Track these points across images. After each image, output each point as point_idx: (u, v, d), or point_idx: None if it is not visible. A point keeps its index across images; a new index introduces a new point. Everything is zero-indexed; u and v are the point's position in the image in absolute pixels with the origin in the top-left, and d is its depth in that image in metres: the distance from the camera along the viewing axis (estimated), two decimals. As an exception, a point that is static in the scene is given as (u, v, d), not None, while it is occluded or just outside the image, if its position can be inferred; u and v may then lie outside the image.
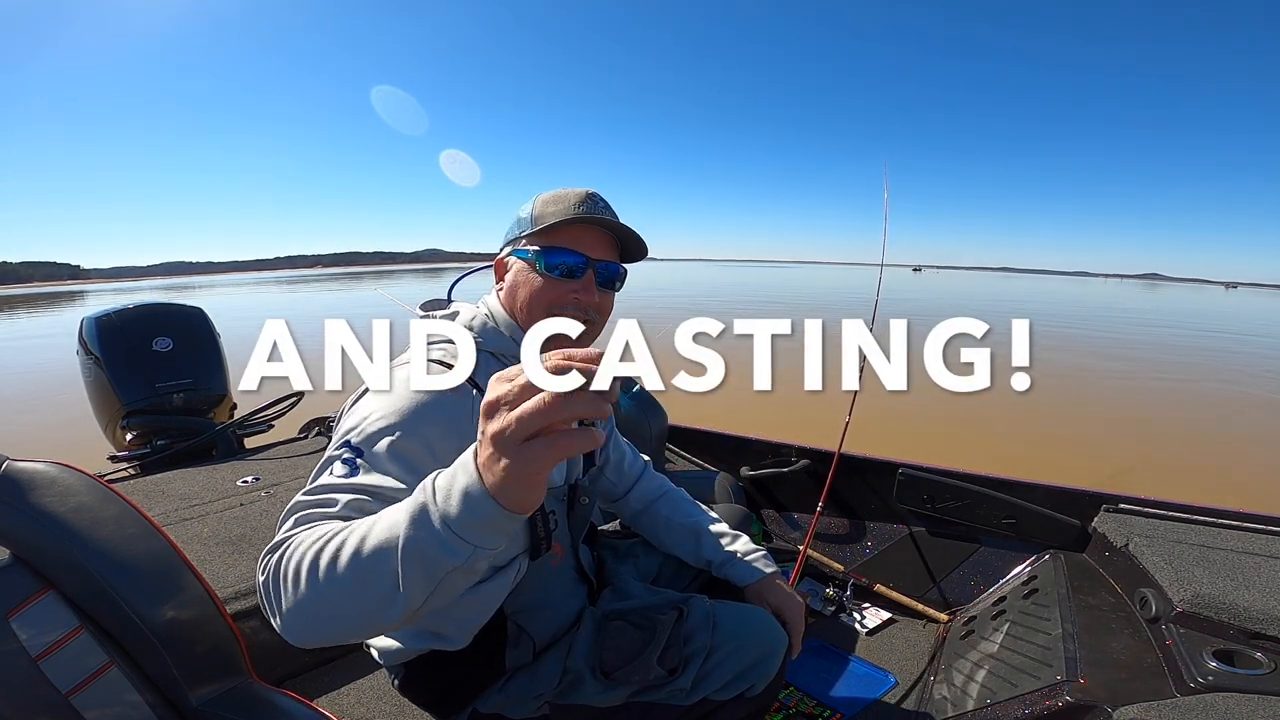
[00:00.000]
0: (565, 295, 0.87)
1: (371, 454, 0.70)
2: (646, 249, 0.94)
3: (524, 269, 0.90)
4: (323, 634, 0.60)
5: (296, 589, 0.58)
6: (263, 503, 1.69)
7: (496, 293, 0.95)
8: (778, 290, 34.22)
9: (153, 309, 2.43)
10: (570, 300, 0.87)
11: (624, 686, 0.88)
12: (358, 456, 0.69)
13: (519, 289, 0.90)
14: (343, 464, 0.69)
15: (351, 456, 0.70)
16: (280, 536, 0.62)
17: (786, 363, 0.69)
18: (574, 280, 0.88)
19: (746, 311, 18.38)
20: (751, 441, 2.16)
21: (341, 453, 0.70)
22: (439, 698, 0.92)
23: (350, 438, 0.72)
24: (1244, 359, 11.82)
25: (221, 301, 28.46)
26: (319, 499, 0.65)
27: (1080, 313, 22.10)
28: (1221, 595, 1.11)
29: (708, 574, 1.14)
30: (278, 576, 0.59)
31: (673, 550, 1.16)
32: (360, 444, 0.71)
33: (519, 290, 0.90)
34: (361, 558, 0.55)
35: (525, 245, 0.89)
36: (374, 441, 0.71)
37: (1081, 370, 9.44)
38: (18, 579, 0.82)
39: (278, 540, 0.62)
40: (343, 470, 0.68)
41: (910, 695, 1.44)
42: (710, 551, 1.11)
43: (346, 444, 0.71)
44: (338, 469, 0.69)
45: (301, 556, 0.58)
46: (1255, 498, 4.00)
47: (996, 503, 1.70)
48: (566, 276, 0.88)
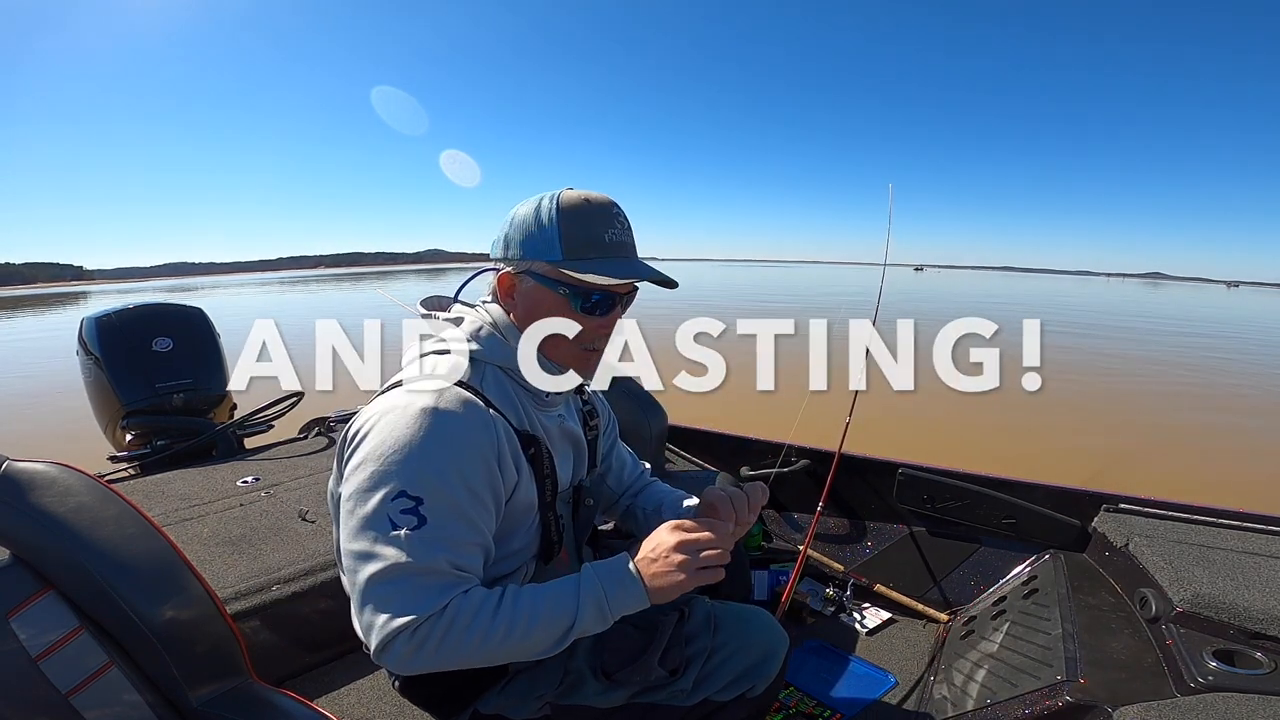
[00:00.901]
0: (596, 331, 0.87)
1: (432, 506, 0.73)
2: (673, 284, 0.90)
3: (551, 301, 0.84)
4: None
5: (459, 658, 0.73)
6: (263, 503, 1.69)
7: (505, 308, 0.89)
8: (777, 291, 34.21)
9: (152, 309, 2.43)
10: (599, 334, 0.88)
11: (625, 687, 0.88)
12: (419, 505, 0.72)
13: (534, 313, 0.85)
14: (407, 515, 0.72)
15: (413, 506, 0.72)
16: (417, 617, 0.71)
17: (788, 364, 0.69)
18: (605, 316, 0.86)
19: (749, 312, 18.37)
20: (751, 441, 2.16)
21: (400, 503, 0.72)
22: (440, 699, 0.92)
23: (405, 488, 0.72)
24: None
25: (223, 302, 28.46)
26: (421, 569, 0.72)
27: (1094, 312, 22.10)
28: (1221, 595, 1.12)
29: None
30: (439, 653, 0.72)
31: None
32: (418, 493, 0.73)
33: (534, 314, 0.85)
34: (530, 637, 0.74)
35: (548, 273, 0.83)
36: (428, 486, 0.73)
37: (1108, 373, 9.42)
38: (18, 579, 0.82)
39: (411, 621, 0.70)
40: (412, 523, 0.72)
41: (910, 695, 1.44)
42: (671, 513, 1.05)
43: (403, 494, 0.72)
44: (406, 521, 0.72)
45: (466, 644, 0.72)
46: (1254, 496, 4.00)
47: (996, 503, 1.70)
48: (599, 314, 0.86)
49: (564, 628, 0.76)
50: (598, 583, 0.78)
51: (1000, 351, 0.64)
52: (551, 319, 0.85)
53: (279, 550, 1.43)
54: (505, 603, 0.75)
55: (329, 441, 2.27)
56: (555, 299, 0.84)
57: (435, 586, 0.73)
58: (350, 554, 0.74)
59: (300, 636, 1.30)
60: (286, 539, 1.48)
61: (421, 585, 0.72)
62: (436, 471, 0.74)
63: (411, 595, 0.71)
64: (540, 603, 0.76)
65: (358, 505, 0.74)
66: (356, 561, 0.73)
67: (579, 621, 0.76)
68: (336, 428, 2.42)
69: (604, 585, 0.78)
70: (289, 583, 1.30)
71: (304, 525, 1.56)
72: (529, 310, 0.86)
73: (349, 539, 0.74)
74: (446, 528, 0.74)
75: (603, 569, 0.80)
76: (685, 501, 1.05)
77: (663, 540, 0.79)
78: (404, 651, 0.71)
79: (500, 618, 0.74)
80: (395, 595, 0.71)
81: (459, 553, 0.75)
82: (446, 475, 0.74)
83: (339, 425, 2.44)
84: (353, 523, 0.74)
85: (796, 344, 0.62)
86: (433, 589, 0.72)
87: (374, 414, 0.78)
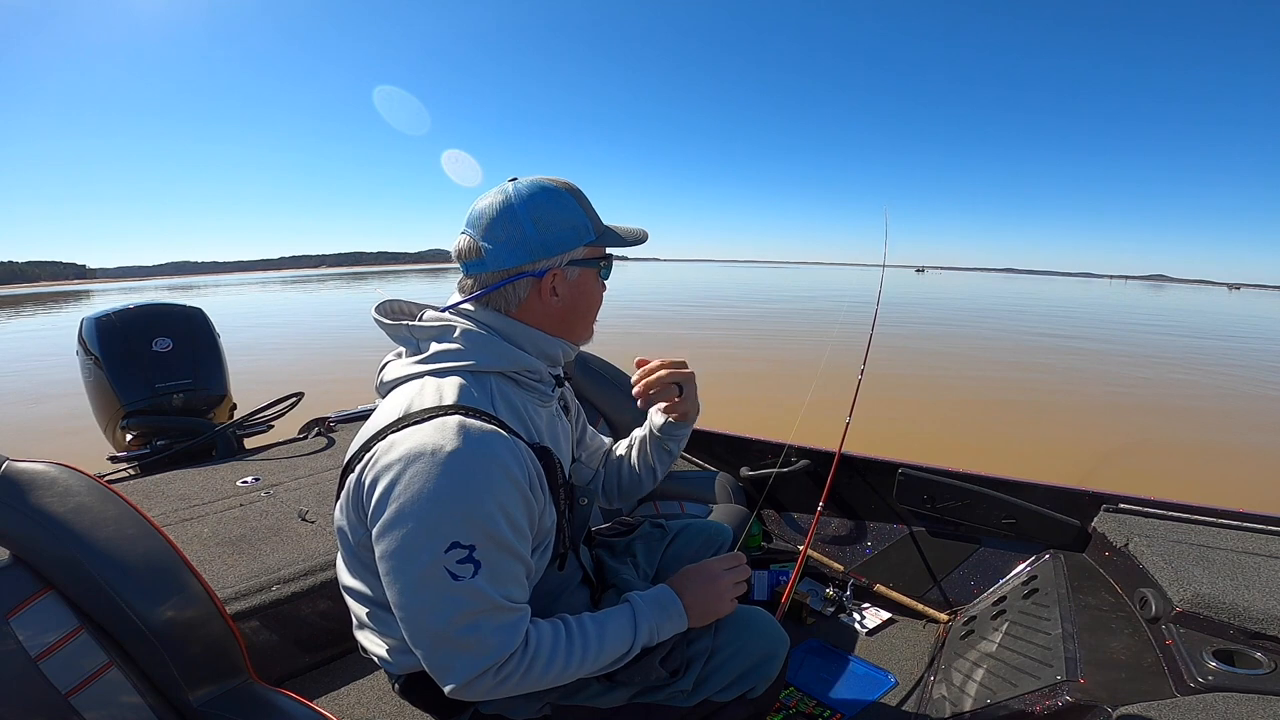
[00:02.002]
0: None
1: (484, 550, 0.73)
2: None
3: (590, 279, 0.90)
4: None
5: (531, 686, 0.78)
6: (262, 503, 1.69)
7: (539, 305, 0.87)
8: (780, 291, 34.18)
9: (152, 309, 2.43)
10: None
11: (626, 687, 0.88)
12: (472, 552, 0.72)
13: (580, 299, 0.90)
14: (464, 565, 0.72)
15: (468, 555, 0.72)
16: (499, 657, 0.74)
17: (789, 366, 0.69)
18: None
19: (745, 316, 18.39)
20: (751, 441, 2.16)
21: (454, 554, 0.71)
22: (441, 700, 0.92)
23: (457, 539, 0.71)
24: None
25: (225, 302, 28.46)
26: (489, 610, 0.73)
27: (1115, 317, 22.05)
28: (1221, 595, 1.11)
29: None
30: (521, 684, 0.77)
31: (633, 479, 1.16)
32: (470, 541, 0.72)
33: (580, 301, 0.90)
34: (593, 666, 0.81)
35: (586, 255, 0.88)
36: (478, 533, 0.72)
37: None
38: (18, 579, 0.82)
39: (494, 663, 0.74)
40: (470, 571, 0.72)
41: (910, 695, 1.44)
42: (634, 454, 1.17)
43: (455, 544, 0.71)
44: (464, 571, 0.72)
45: (546, 675, 0.78)
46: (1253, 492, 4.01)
47: (996, 503, 1.69)
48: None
49: (618, 656, 0.84)
50: (651, 618, 0.86)
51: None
52: (592, 295, 0.92)
53: (279, 550, 1.43)
54: (574, 635, 0.81)
55: (329, 441, 2.27)
56: (593, 277, 0.91)
57: (507, 625, 0.75)
58: (409, 607, 0.73)
59: (300, 636, 1.30)
60: (286, 539, 1.48)
61: (494, 627, 0.73)
62: (484, 516, 0.73)
63: (489, 638, 0.73)
64: (605, 636, 0.83)
65: (407, 564, 0.72)
66: (420, 615, 0.73)
67: (632, 652, 0.85)
68: (336, 428, 2.42)
69: (656, 620, 0.86)
70: (289, 583, 1.30)
71: (304, 525, 1.56)
72: (575, 298, 0.89)
73: (406, 594, 0.73)
74: (500, 565, 0.75)
75: (653, 605, 0.88)
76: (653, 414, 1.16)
77: (717, 576, 0.93)
78: (487, 687, 0.75)
79: (574, 651, 0.80)
80: (472, 641, 0.72)
81: (514, 587, 0.77)
82: (493, 516, 0.73)
83: (339, 425, 2.44)
84: (406, 580, 0.72)
85: (797, 346, 0.62)
86: (505, 628, 0.74)
87: (398, 461, 0.73)
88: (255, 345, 11.46)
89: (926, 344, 11.82)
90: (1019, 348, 12.07)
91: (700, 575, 0.93)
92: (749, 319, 16.85)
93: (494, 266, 0.84)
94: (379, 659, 0.90)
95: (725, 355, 10.16)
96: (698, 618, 0.90)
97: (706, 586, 0.92)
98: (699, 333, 13.28)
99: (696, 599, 0.90)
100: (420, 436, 0.73)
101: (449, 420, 0.74)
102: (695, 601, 0.90)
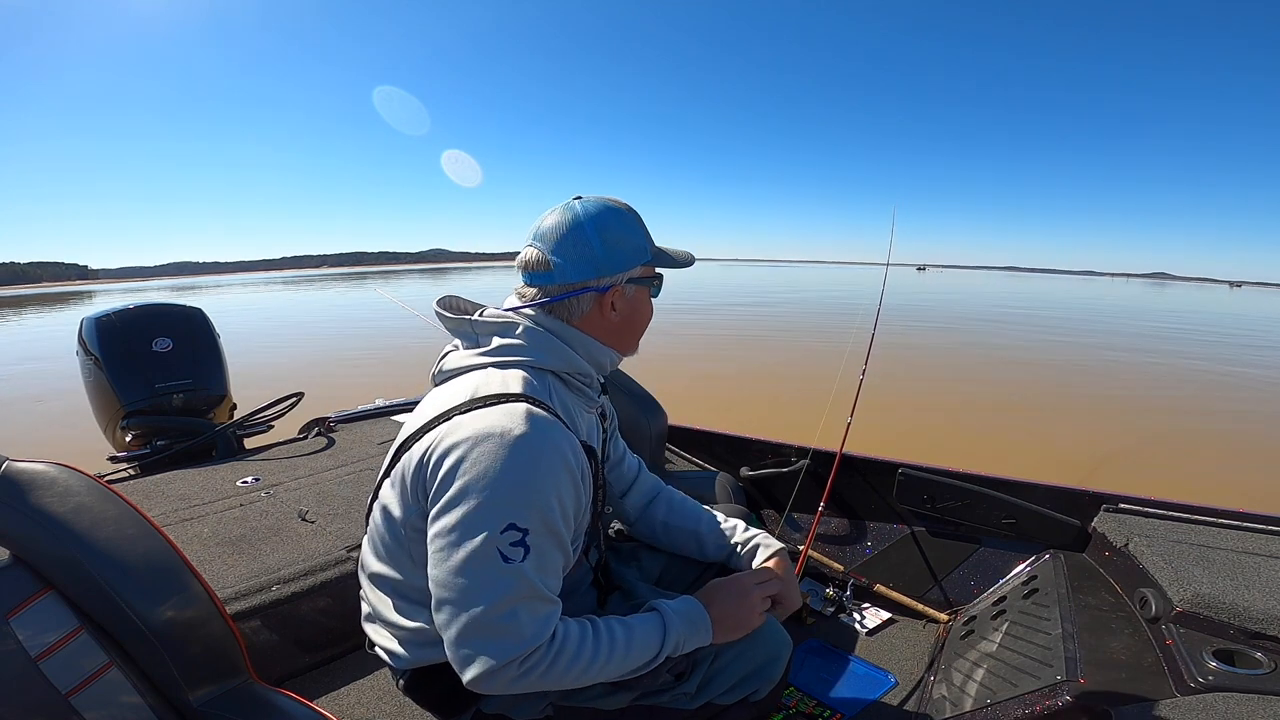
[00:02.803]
0: None
1: (536, 536, 0.74)
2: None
3: (644, 296, 0.95)
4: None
5: (552, 684, 0.77)
6: (263, 503, 1.69)
7: (599, 318, 0.91)
8: (779, 291, 34.21)
9: (152, 309, 2.43)
10: None
11: (630, 690, 0.88)
12: (525, 535, 0.74)
13: (635, 315, 0.95)
14: (516, 548, 0.73)
15: (521, 538, 0.74)
16: (530, 647, 0.73)
17: (792, 365, 0.69)
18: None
19: (747, 314, 18.40)
20: (751, 441, 2.16)
21: (509, 535, 0.73)
22: (444, 698, 0.92)
23: (515, 520, 0.73)
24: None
25: (225, 303, 28.44)
26: (531, 598, 0.74)
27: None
28: (1221, 595, 1.12)
29: (708, 578, 1.14)
30: (543, 679, 0.76)
31: (676, 550, 1.16)
32: (526, 524, 0.74)
33: (635, 317, 0.95)
34: (617, 669, 0.80)
35: (642, 274, 0.93)
36: (534, 517, 0.74)
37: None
38: (18, 579, 0.82)
39: (524, 652, 0.73)
40: (520, 555, 0.73)
41: (910, 695, 1.44)
42: (714, 550, 1.11)
43: (512, 525, 0.73)
44: (515, 554, 0.73)
45: (568, 673, 0.77)
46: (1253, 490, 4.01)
47: (996, 503, 1.70)
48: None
49: (642, 663, 0.83)
50: (679, 629, 0.85)
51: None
52: (645, 312, 0.97)
53: (279, 550, 1.43)
54: (602, 637, 0.80)
55: (329, 441, 2.27)
56: (646, 295, 0.96)
57: (543, 617, 0.75)
58: (454, 586, 0.73)
59: (300, 636, 1.30)
60: (286, 539, 1.49)
61: (531, 617, 0.74)
62: (543, 502, 0.75)
63: (525, 627, 0.73)
64: (632, 642, 0.82)
65: (463, 538, 0.73)
66: (465, 594, 0.73)
67: (655, 662, 0.83)
68: (336, 428, 2.42)
69: (684, 632, 0.85)
70: (289, 583, 1.30)
71: (304, 525, 1.56)
72: (631, 314, 0.94)
73: (452, 572, 0.73)
74: (547, 554, 0.76)
75: (682, 617, 0.86)
76: (735, 536, 1.11)
77: (747, 591, 0.93)
78: (509, 678, 0.74)
79: (600, 652, 0.79)
80: (509, 628, 0.73)
81: (554, 578, 0.78)
82: (550, 503, 0.75)
83: (339, 425, 2.44)
84: (458, 556, 0.73)
85: (799, 348, 0.62)
86: (541, 619, 0.75)
87: (466, 440, 0.75)
88: (256, 345, 11.46)
89: (926, 343, 11.82)
90: (1019, 346, 12.08)
91: (730, 589, 0.93)
92: (749, 319, 16.84)
93: (561, 280, 0.88)
94: (386, 653, 0.91)
95: (725, 355, 10.17)
96: (725, 632, 0.89)
97: (737, 601, 0.91)
98: (699, 332, 13.28)
99: (725, 613, 0.90)
100: (490, 419, 0.76)
101: (517, 407, 0.78)
102: (724, 615, 0.89)
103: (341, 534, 1.51)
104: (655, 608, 0.87)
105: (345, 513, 1.64)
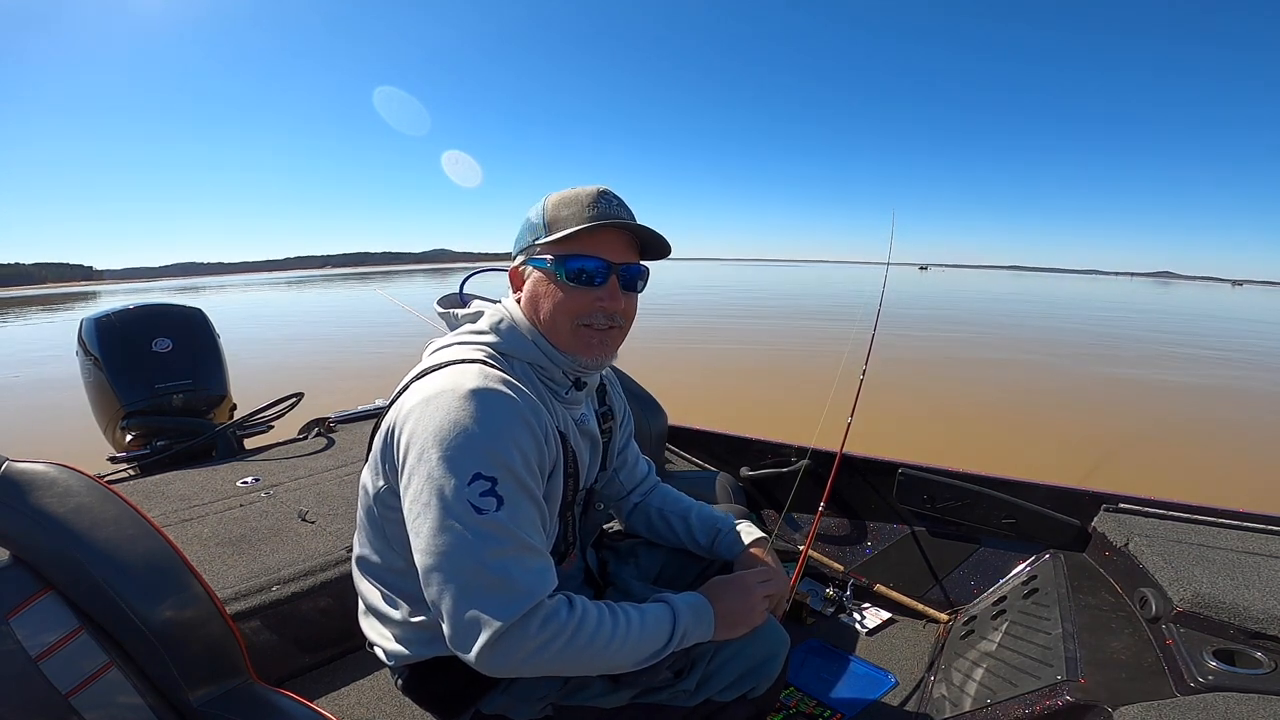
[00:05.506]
0: (591, 304, 0.85)
1: (505, 485, 0.73)
2: (668, 246, 0.89)
3: (543, 279, 0.86)
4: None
5: (579, 653, 0.74)
6: (263, 503, 1.69)
7: (515, 301, 0.91)
8: (780, 291, 34.19)
9: (152, 310, 2.43)
10: (596, 309, 0.85)
11: (628, 688, 0.88)
12: (494, 485, 0.72)
13: (540, 300, 0.87)
14: (487, 498, 0.72)
15: (490, 487, 0.72)
16: (532, 601, 0.71)
17: (791, 368, 0.69)
18: (597, 287, 0.84)
19: (746, 315, 18.40)
20: (751, 442, 2.16)
21: (478, 485, 0.71)
22: (443, 698, 0.92)
23: (480, 469, 0.72)
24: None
25: (226, 302, 28.44)
26: (520, 550, 0.72)
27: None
28: (1221, 595, 1.11)
29: (708, 575, 1.14)
30: (567, 646, 0.73)
31: (667, 539, 1.16)
32: (492, 473, 0.72)
33: (540, 302, 0.87)
34: (630, 652, 0.78)
35: (540, 253, 0.85)
36: (499, 466, 0.73)
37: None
38: (18, 579, 0.82)
39: (536, 604, 0.71)
40: (493, 505, 0.72)
41: (910, 695, 1.44)
42: (701, 534, 1.11)
43: (479, 475, 0.71)
44: (488, 504, 0.71)
45: (592, 643, 0.74)
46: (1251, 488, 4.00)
47: (996, 503, 1.69)
48: (588, 284, 0.84)
49: (653, 650, 0.81)
50: (686, 620, 0.84)
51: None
52: (549, 295, 0.86)
53: (279, 550, 1.43)
54: (619, 615, 0.79)
55: (329, 442, 2.27)
56: (544, 275, 0.86)
57: (536, 568, 0.73)
58: (435, 551, 0.71)
59: (300, 636, 1.30)
60: (286, 539, 1.49)
61: (524, 569, 0.71)
62: (504, 449, 0.73)
63: (520, 580, 0.71)
64: (646, 625, 0.80)
65: (433, 499, 0.71)
66: (447, 557, 0.70)
67: (665, 650, 0.82)
68: (336, 428, 2.42)
69: (691, 624, 0.84)
70: (289, 583, 1.30)
71: (304, 525, 1.56)
72: (532, 296, 0.88)
73: (432, 534, 0.71)
74: (520, 505, 0.74)
75: (690, 609, 0.85)
76: (721, 523, 1.10)
77: (751, 588, 0.92)
78: (528, 649, 0.70)
79: (619, 627, 0.77)
80: (503, 581, 0.70)
81: (534, 532, 0.76)
82: (511, 452, 0.74)
83: (339, 425, 2.44)
84: (432, 519, 0.71)
85: (799, 348, 0.62)
86: (534, 571, 0.72)
87: (419, 403, 0.75)
88: (256, 345, 11.46)
89: (928, 343, 11.82)
90: (1015, 345, 12.07)
91: (734, 587, 0.92)
92: (749, 319, 16.84)
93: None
94: (382, 650, 0.91)
95: (726, 355, 10.17)
96: (727, 629, 0.88)
97: (741, 598, 0.91)
98: (699, 332, 13.28)
99: (729, 609, 0.89)
100: (440, 379, 0.78)
101: (469, 367, 0.79)
102: (727, 611, 0.89)
103: (341, 534, 1.51)
104: (664, 599, 0.87)
105: (345, 513, 1.64)
